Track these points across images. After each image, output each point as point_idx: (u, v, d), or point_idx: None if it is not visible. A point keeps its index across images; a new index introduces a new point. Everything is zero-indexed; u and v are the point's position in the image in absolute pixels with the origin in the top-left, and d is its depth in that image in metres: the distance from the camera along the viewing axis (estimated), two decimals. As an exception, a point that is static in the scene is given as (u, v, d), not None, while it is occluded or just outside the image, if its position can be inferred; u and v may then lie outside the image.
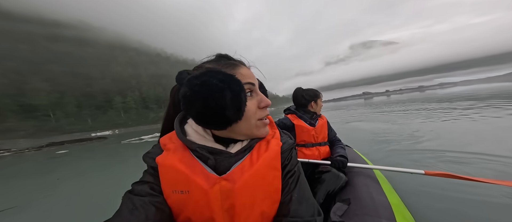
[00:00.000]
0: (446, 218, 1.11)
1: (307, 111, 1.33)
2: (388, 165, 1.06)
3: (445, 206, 1.21)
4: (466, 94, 13.20)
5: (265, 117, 0.44)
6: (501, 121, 3.51)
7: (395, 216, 0.68)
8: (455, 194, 1.31)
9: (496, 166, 1.73)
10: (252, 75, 0.43)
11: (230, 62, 0.42)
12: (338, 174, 0.95)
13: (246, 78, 0.41)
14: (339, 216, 0.72)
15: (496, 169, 1.67)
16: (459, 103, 7.31)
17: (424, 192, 1.35)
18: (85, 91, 76.71)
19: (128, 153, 7.01)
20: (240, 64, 0.43)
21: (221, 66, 0.41)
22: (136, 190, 0.40)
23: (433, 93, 25.03)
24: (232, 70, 0.41)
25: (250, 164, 0.41)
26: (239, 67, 0.42)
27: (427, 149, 2.52)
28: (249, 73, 0.43)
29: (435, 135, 3.10)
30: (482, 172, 1.66)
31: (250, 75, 0.43)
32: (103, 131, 38.21)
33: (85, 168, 4.88)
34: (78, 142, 17.83)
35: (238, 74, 0.41)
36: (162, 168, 0.40)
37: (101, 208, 2.07)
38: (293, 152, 0.48)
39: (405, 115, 6.15)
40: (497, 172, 1.62)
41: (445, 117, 4.77)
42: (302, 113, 1.32)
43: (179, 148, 0.42)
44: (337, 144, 1.31)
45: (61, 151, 10.48)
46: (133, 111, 79.66)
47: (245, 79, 0.41)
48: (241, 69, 0.42)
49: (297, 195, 0.41)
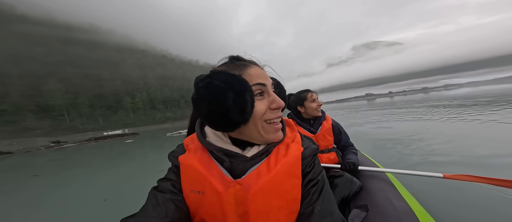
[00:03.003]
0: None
1: (304, 118, 1.27)
2: (400, 168, 0.99)
3: (468, 213, 1.12)
4: (473, 95, 12.58)
5: (277, 119, 0.42)
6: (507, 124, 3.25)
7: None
8: (477, 199, 1.21)
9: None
10: (263, 75, 0.42)
11: (240, 63, 0.42)
12: (351, 178, 0.91)
13: (256, 79, 0.40)
14: None
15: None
16: (465, 104, 7.00)
17: (443, 197, 1.25)
18: (97, 92, 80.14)
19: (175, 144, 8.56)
20: (250, 64, 0.42)
21: (230, 67, 0.40)
22: (160, 186, 0.42)
23: (438, 94, 24.19)
24: (241, 70, 0.40)
25: (267, 170, 0.39)
26: (248, 67, 0.41)
27: (440, 151, 2.36)
28: (260, 73, 0.41)
29: (447, 137, 2.88)
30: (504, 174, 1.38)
31: (261, 75, 0.41)
32: (114, 130, 40.14)
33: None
34: (117, 137, 20.54)
35: (246, 75, 0.39)
36: (183, 167, 0.42)
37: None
38: (316, 159, 0.45)
39: (412, 116, 5.90)
40: None
41: (455, 118, 4.47)
42: (300, 119, 1.27)
43: (198, 149, 0.43)
44: (349, 149, 1.23)
45: (128, 140, 13.25)
46: (141, 111, 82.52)
47: (254, 79, 0.39)
48: (250, 69, 0.41)
49: (320, 208, 0.38)
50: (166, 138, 12.50)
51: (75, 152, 10.27)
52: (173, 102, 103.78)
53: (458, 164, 1.95)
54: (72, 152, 10.16)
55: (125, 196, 2.42)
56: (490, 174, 1.78)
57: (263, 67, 0.44)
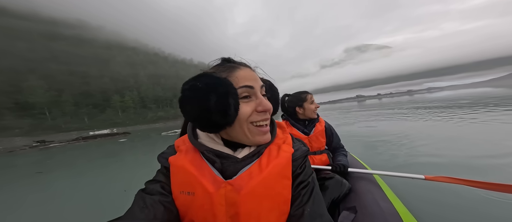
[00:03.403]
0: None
1: (300, 119, 1.27)
2: (385, 169, 1.06)
3: (449, 213, 1.17)
4: (453, 98, 13.67)
5: (264, 122, 0.42)
6: (488, 124, 3.54)
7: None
8: (458, 200, 1.27)
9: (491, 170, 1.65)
10: (252, 77, 0.41)
11: (229, 65, 0.41)
12: (341, 180, 0.92)
13: (243, 81, 0.39)
14: None
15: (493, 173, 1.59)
16: (448, 106, 7.52)
17: (425, 198, 1.30)
18: (83, 90, 76.33)
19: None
20: (240, 66, 0.41)
21: (219, 69, 0.41)
22: (148, 188, 0.40)
23: (422, 97, 25.69)
24: (229, 73, 0.40)
25: (258, 171, 0.39)
26: (237, 70, 0.40)
27: (423, 151, 2.47)
28: (248, 75, 0.41)
29: (430, 139, 3.02)
30: (483, 176, 1.58)
31: (249, 77, 0.41)
32: (101, 130, 38.26)
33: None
34: (107, 136, 19.49)
35: (233, 77, 0.39)
36: (173, 168, 0.41)
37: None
38: (307, 161, 0.45)
39: (398, 118, 6.24)
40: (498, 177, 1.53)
41: (439, 120, 4.71)
42: (295, 121, 1.27)
43: (190, 150, 0.42)
44: (339, 151, 1.25)
45: (122, 140, 12.78)
46: (131, 110, 79.58)
47: (241, 82, 0.39)
48: (239, 71, 0.40)
49: (310, 210, 0.38)
50: (161, 137, 12.01)
51: (60, 152, 9.53)
52: (166, 101, 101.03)
53: (440, 164, 2.02)
54: (58, 153, 9.45)
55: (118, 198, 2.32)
56: (471, 174, 1.77)
57: (254, 69, 0.44)
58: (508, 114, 4.23)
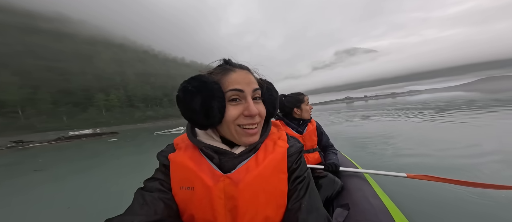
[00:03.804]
0: (436, 217, 1.18)
1: (294, 118, 1.30)
2: (371, 167, 1.11)
3: (429, 208, 1.27)
4: (431, 100, 15.00)
5: (251, 126, 0.42)
6: (465, 125, 3.94)
7: (394, 219, 0.70)
8: (438, 197, 1.39)
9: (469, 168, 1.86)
10: (244, 81, 0.41)
11: (224, 67, 0.42)
12: (334, 179, 0.97)
13: (233, 84, 0.40)
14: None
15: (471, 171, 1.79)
16: (426, 108, 8.39)
17: (410, 194, 1.41)
18: (62, 87, 71.02)
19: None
20: (235, 69, 0.42)
21: (216, 70, 0.42)
22: (147, 186, 0.42)
23: (403, 99, 27.80)
24: (222, 75, 0.41)
25: (255, 165, 0.40)
26: (231, 72, 0.41)
27: (406, 152, 2.67)
28: (241, 79, 0.41)
29: (413, 139, 3.28)
30: (462, 173, 1.77)
31: (241, 80, 0.41)
32: (82, 130, 35.30)
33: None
34: (93, 136, 17.19)
35: (225, 80, 0.40)
36: (173, 164, 0.43)
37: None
38: (302, 158, 0.47)
39: (383, 118, 6.74)
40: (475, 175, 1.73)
41: (420, 121, 5.10)
42: (289, 120, 1.30)
43: (189, 147, 0.44)
44: (330, 150, 1.31)
45: (113, 139, 11.91)
46: (116, 109, 75.33)
47: (231, 85, 0.40)
48: (232, 74, 0.41)
49: (306, 203, 0.40)
50: (156, 136, 11.27)
51: (42, 153, 8.43)
52: (155, 100, 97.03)
53: (421, 163, 2.19)
54: (41, 153, 8.32)
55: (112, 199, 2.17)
56: (447, 172, 1.79)
57: (253, 72, 0.44)
58: (478, 117, 4.67)
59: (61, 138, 16.97)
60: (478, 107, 6.56)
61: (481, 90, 31.78)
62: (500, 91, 19.56)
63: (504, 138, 2.72)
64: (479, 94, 17.35)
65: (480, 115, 4.89)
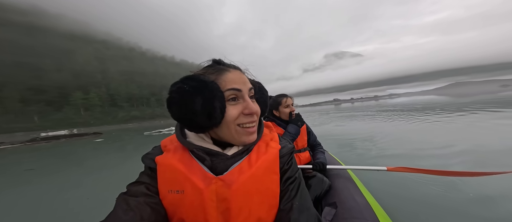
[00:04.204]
0: (412, 211, 1.29)
1: (283, 120, 1.34)
2: (356, 163, 1.20)
3: (406, 202, 1.38)
4: (409, 103, 16.57)
5: (251, 124, 0.42)
6: (437, 124, 4.63)
7: (377, 216, 0.75)
8: (411, 191, 1.52)
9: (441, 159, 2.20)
10: (240, 81, 0.41)
11: (218, 67, 0.41)
12: (322, 178, 1.01)
13: (231, 84, 0.39)
14: (329, 221, 0.76)
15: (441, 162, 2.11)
16: (406, 110, 9.37)
17: (388, 192, 1.50)
18: (32, 84, 64.34)
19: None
20: (229, 69, 0.41)
21: (209, 71, 0.41)
22: (131, 191, 0.39)
23: (385, 102, 29.87)
24: (217, 75, 0.40)
25: (248, 166, 0.40)
26: (226, 72, 0.40)
27: (387, 147, 3.00)
28: (237, 78, 0.41)
29: (392, 136, 3.77)
30: (434, 163, 2.07)
31: (237, 80, 0.41)
32: (56, 131, 31.41)
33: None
34: (72, 137, 15.83)
35: (221, 80, 0.39)
36: (161, 167, 0.40)
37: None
38: (293, 158, 0.47)
39: (367, 119, 7.37)
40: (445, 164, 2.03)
41: (401, 120, 5.79)
42: (280, 121, 1.33)
43: (179, 149, 0.42)
44: (317, 149, 1.35)
45: (99, 140, 11.16)
46: (97, 108, 69.92)
47: (229, 84, 0.39)
48: (228, 74, 0.40)
49: (298, 203, 0.40)
50: (144, 137, 10.52)
51: (15, 154, 7.39)
52: (141, 99, 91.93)
53: (401, 156, 2.54)
54: (11, 155, 7.28)
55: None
56: (425, 164, 2.05)
57: (244, 72, 0.44)
58: (449, 119, 5.27)
59: (36, 139, 15.18)
60: (449, 111, 7.24)
61: (451, 95, 35.04)
62: (466, 96, 22.01)
63: (472, 136, 3.12)
64: (449, 98, 19.05)
65: (451, 117, 5.55)
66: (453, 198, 1.36)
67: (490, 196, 1.33)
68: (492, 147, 2.43)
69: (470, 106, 8.06)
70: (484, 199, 1.31)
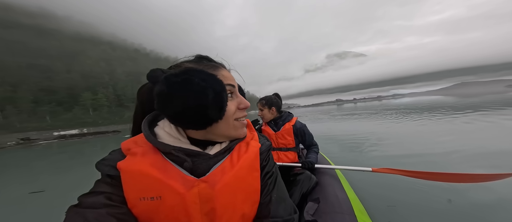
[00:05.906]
0: (389, 206, 1.35)
1: (274, 118, 1.42)
2: (344, 164, 1.30)
3: (390, 197, 1.47)
4: (414, 103, 16.43)
5: (243, 118, 0.45)
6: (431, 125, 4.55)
7: (354, 210, 0.82)
8: (398, 191, 1.60)
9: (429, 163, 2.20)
10: (232, 78, 0.44)
11: (212, 64, 0.42)
12: (310, 175, 1.07)
13: (227, 80, 0.41)
14: (311, 215, 0.80)
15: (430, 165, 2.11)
16: (410, 110, 9.16)
17: (373, 186, 1.65)
18: (44, 85, 66.90)
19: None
20: (221, 66, 0.43)
21: (203, 66, 0.41)
22: (86, 202, 0.33)
23: (388, 102, 29.42)
24: (214, 71, 0.41)
25: (230, 165, 0.40)
26: (220, 69, 0.42)
27: (375, 148, 3.01)
28: (230, 76, 0.43)
29: (383, 137, 3.75)
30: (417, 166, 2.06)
31: (231, 77, 0.44)
32: (67, 130, 33.16)
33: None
34: (96, 134, 19.33)
35: (220, 75, 0.40)
36: (127, 174, 0.36)
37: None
38: (270, 154, 0.49)
39: (368, 120, 7.31)
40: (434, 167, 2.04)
41: (392, 121, 5.87)
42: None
43: (149, 151, 0.38)
44: (311, 149, 1.40)
45: (126, 136, 12.91)
46: (104, 108, 72.07)
47: (226, 80, 0.41)
48: (222, 70, 0.42)
49: (276, 196, 0.43)
50: None
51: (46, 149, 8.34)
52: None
53: (401, 157, 2.49)
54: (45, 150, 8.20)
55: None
56: (425, 166, 2.05)
57: (229, 70, 0.46)
58: (454, 119, 5.25)
59: (65, 136, 18.41)
60: (455, 110, 7.17)
61: (457, 95, 34.25)
62: (472, 96, 21.58)
63: (482, 138, 3.03)
64: (455, 98, 18.74)
65: (457, 117, 5.44)
66: (436, 200, 1.38)
67: (471, 199, 1.34)
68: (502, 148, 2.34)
69: (476, 106, 7.86)
70: (463, 203, 1.32)
